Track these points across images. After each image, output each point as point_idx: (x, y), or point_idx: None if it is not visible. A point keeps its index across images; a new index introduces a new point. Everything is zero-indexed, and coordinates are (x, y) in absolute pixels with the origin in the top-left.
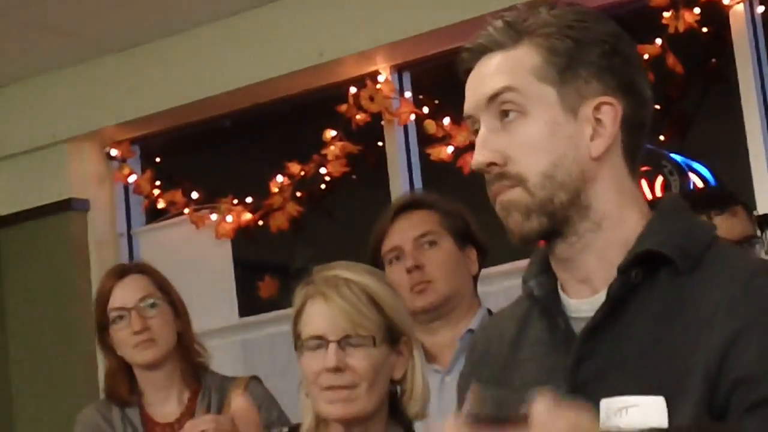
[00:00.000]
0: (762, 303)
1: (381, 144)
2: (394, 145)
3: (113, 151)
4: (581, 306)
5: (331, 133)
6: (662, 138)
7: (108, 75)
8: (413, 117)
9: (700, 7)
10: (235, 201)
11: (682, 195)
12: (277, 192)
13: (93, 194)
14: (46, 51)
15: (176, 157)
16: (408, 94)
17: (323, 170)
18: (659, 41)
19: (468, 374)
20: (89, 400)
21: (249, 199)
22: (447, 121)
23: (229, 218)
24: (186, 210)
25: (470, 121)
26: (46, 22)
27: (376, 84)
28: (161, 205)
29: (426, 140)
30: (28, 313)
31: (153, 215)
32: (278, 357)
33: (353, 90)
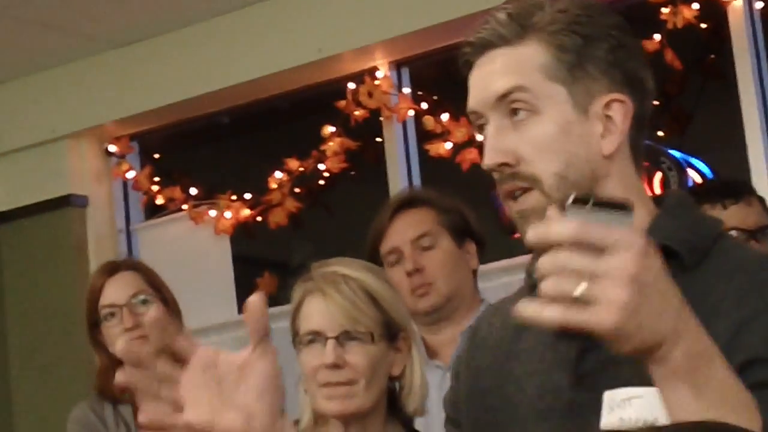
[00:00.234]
0: None
1: (380, 140)
2: (393, 141)
3: (112, 147)
4: None
5: (330, 129)
6: (661, 134)
7: (107, 71)
8: (412, 113)
9: (699, 3)
10: (234, 197)
11: (697, 186)
12: (276, 188)
13: (92, 190)
14: (45, 47)
15: (175, 154)
16: (407, 90)
17: (322, 166)
18: (658, 37)
19: (466, 358)
20: (89, 394)
21: (248, 195)
22: (446, 117)
23: (228, 214)
24: (185, 206)
25: (474, 117)
26: (45, 19)
27: (375, 80)
28: (160, 201)
29: (425, 136)
30: (28, 309)
31: (152, 211)
32: (277, 353)
33: (352, 86)
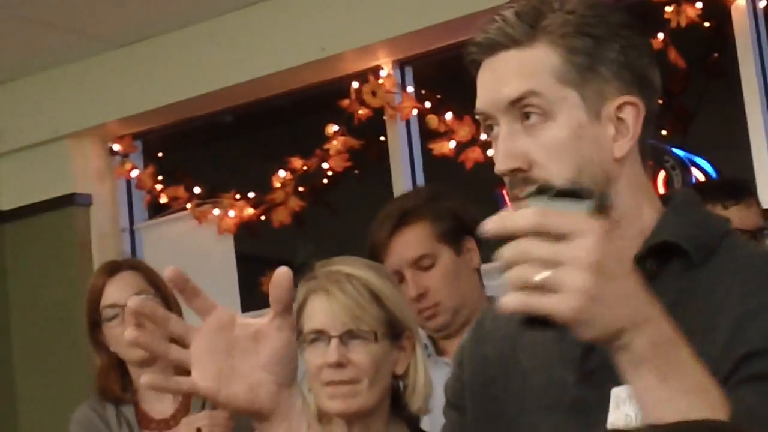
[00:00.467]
0: None
1: (383, 139)
2: (396, 140)
3: (115, 146)
4: None
5: (334, 128)
6: (664, 133)
7: (110, 70)
8: (415, 112)
9: (702, 2)
10: (238, 196)
11: (699, 184)
12: (280, 187)
13: (95, 189)
14: (48, 47)
15: (178, 152)
16: (410, 89)
17: (325, 165)
18: (661, 36)
19: (470, 348)
20: (92, 394)
21: (251, 194)
22: (449, 116)
23: (232, 213)
24: (188, 205)
25: (482, 117)
26: (48, 18)
27: (378, 79)
28: (163, 200)
29: (428, 135)
30: (32, 308)
31: (155, 210)
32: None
33: (355, 85)
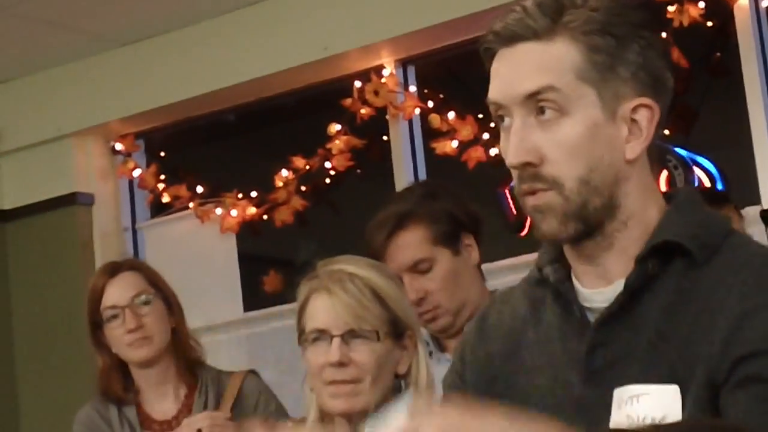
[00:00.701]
0: None
1: (386, 138)
2: (399, 140)
3: (118, 145)
4: (595, 296)
5: (336, 127)
6: (667, 132)
7: (112, 69)
8: (418, 111)
9: (705, 1)
10: (240, 195)
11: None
12: (282, 186)
13: (98, 188)
14: (51, 45)
15: (181, 152)
16: (413, 88)
17: (328, 164)
18: (664, 35)
19: (472, 344)
20: (94, 393)
21: (254, 194)
22: (452, 116)
23: (234, 212)
24: (191, 204)
25: (494, 107)
26: (51, 17)
27: (381, 78)
28: (166, 200)
29: (431, 134)
30: (34, 307)
31: (158, 209)
32: (283, 351)
33: (358, 84)
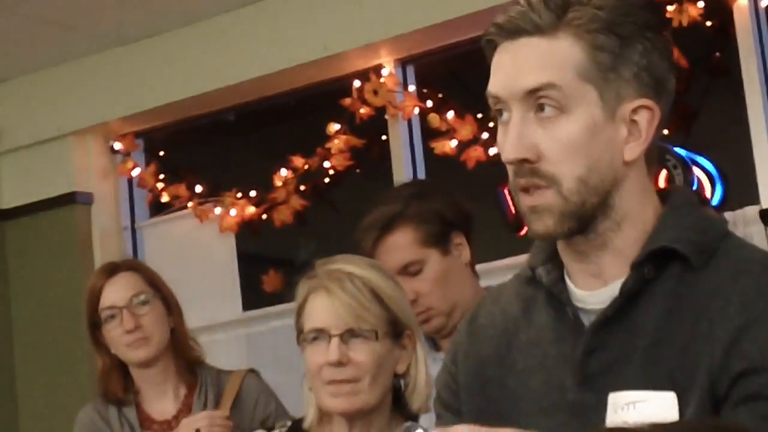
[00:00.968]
0: None
1: (385, 138)
2: (398, 139)
3: (117, 145)
4: (589, 298)
5: (335, 127)
6: (666, 132)
7: (112, 68)
8: (417, 111)
9: (704, 1)
10: (239, 194)
11: None
12: (281, 185)
13: (97, 188)
14: (51, 44)
15: (180, 151)
16: (412, 88)
17: (327, 164)
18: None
19: (464, 345)
20: (93, 392)
21: (253, 193)
22: (451, 115)
23: (233, 212)
24: (190, 203)
25: (493, 100)
26: (50, 16)
27: (380, 77)
28: (165, 199)
29: (430, 134)
30: (33, 306)
31: (157, 209)
32: (282, 351)
33: (357, 83)
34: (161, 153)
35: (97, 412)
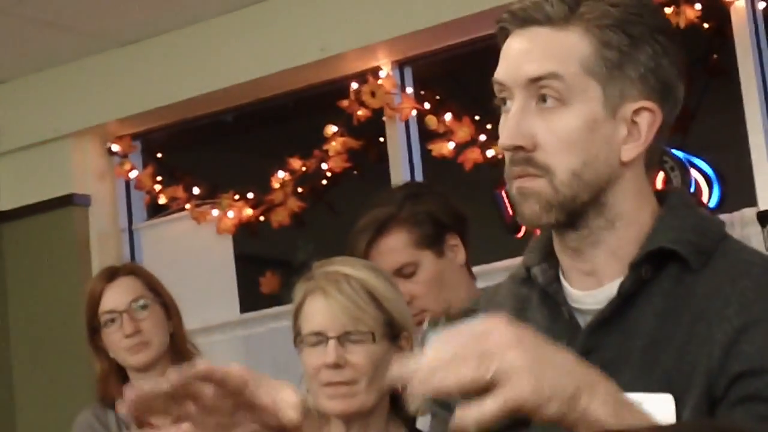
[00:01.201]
0: None
1: (382, 139)
2: (396, 141)
3: (114, 147)
4: (584, 298)
5: (333, 129)
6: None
7: (109, 70)
8: (414, 112)
9: (702, 3)
10: (237, 196)
11: None
12: (279, 187)
13: (95, 189)
14: (48, 46)
15: (178, 153)
16: (409, 90)
17: (324, 166)
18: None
19: None
20: (91, 395)
21: (250, 195)
22: (448, 117)
23: (231, 213)
24: (187, 205)
25: (498, 87)
26: (48, 18)
27: (378, 79)
28: (162, 201)
29: (427, 136)
30: (30, 308)
31: (154, 211)
32: (279, 352)
33: (355, 85)
34: (159, 155)
35: (95, 416)
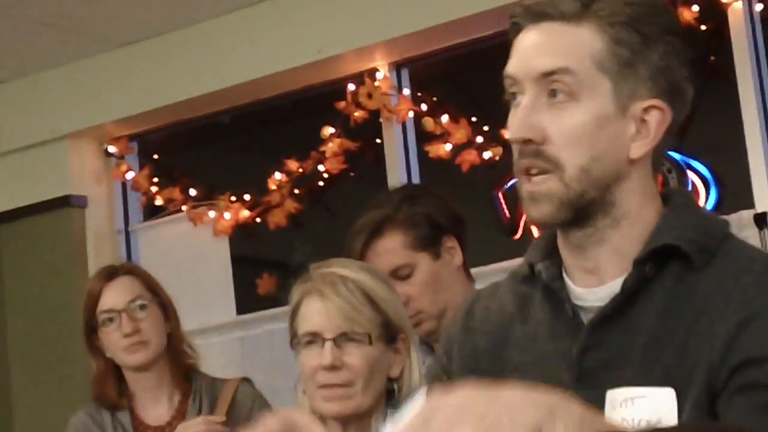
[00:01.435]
0: None
1: (379, 141)
2: (393, 142)
3: (111, 148)
4: (587, 295)
5: (330, 130)
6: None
7: (106, 71)
8: (411, 114)
9: (699, 5)
10: (234, 198)
11: None
12: (276, 189)
13: (91, 191)
14: (45, 47)
15: (174, 154)
16: (406, 91)
17: (321, 167)
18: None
19: (459, 339)
20: (88, 396)
21: (247, 196)
22: (445, 119)
23: (227, 215)
24: (184, 207)
25: (509, 81)
26: (45, 19)
27: (375, 81)
28: (159, 202)
29: (424, 137)
30: (27, 309)
31: (151, 212)
32: (276, 354)
33: (352, 87)
34: (155, 156)
35: (90, 417)
